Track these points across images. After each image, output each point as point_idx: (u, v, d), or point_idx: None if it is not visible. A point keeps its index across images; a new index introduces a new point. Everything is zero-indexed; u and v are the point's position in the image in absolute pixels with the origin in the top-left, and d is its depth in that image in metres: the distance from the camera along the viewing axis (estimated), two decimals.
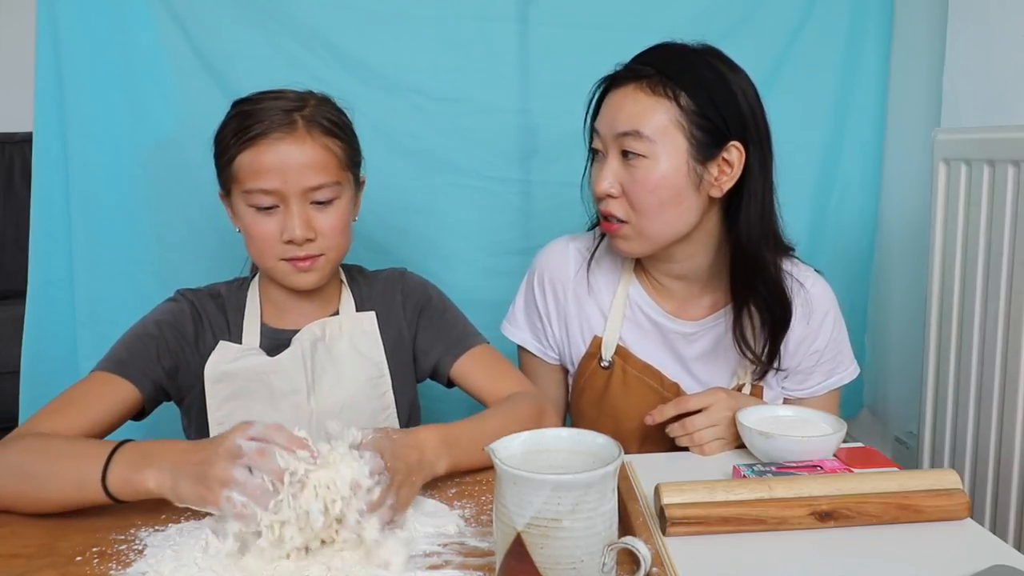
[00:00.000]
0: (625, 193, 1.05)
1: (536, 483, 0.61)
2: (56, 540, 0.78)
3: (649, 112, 1.02)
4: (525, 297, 1.24)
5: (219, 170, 1.06)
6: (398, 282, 1.18)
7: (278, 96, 1.04)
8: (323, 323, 1.11)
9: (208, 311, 1.11)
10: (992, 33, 1.48)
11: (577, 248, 1.20)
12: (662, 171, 1.02)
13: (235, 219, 1.08)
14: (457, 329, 1.16)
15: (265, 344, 1.10)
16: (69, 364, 1.53)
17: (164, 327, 1.06)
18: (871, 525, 0.82)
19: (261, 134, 1.00)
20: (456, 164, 1.64)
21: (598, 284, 1.19)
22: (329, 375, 1.09)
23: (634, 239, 1.08)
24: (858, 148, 1.83)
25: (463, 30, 1.61)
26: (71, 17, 1.46)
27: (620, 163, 1.05)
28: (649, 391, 1.15)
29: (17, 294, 1.60)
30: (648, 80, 1.03)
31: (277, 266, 1.05)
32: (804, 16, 1.74)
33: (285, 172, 1.00)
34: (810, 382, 1.18)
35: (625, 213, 1.06)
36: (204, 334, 1.09)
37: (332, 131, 1.05)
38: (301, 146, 1.01)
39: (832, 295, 1.17)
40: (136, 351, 1.03)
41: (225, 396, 1.07)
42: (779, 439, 0.95)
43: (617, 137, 1.04)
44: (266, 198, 1.01)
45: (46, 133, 1.49)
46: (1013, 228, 1.33)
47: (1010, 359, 1.34)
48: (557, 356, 1.24)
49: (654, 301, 1.16)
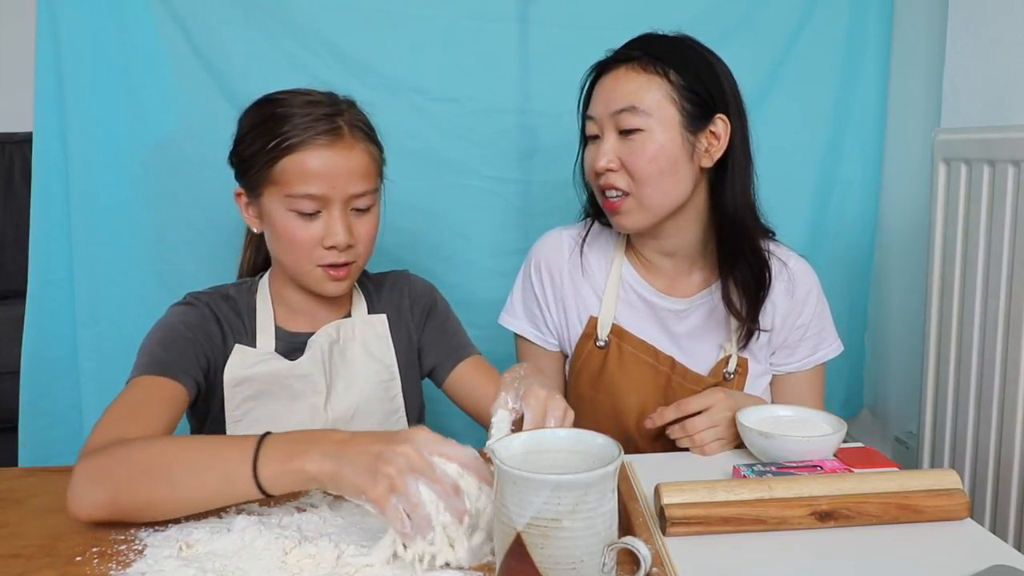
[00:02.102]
0: (624, 166, 1.10)
1: (536, 483, 0.62)
2: (56, 540, 0.78)
3: (643, 89, 1.09)
4: (523, 286, 1.27)
5: (244, 171, 1.04)
6: (404, 284, 1.19)
7: (309, 98, 1.02)
8: (337, 325, 1.11)
9: (225, 313, 1.08)
10: (992, 33, 1.48)
11: (569, 235, 1.25)
12: (659, 142, 1.08)
13: (255, 220, 1.07)
14: (458, 337, 1.18)
15: (280, 348, 1.08)
16: (69, 364, 1.53)
17: (195, 330, 1.03)
18: (871, 525, 0.82)
19: (308, 139, 0.99)
20: (456, 164, 1.64)
21: (591, 266, 1.23)
22: (343, 378, 1.09)
23: (636, 211, 1.12)
24: (858, 148, 1.83)
25: (463, 30, 1.61)
26: (71, 17, 1.46)
27: (617, 140, 1.10)
28: (645, 366, 1.18)
29: (17, 294, 1.60)
30: (638, 61, 1.10)
31: (313, 272, 1.04)
32: (804, 17, 1.74)
33: (333, 178, 0.99)
34: (796, 355, 1.22)
35: (627, 184, 1.10)
36: (227, 336, 1.08)
37: (371, 136, 1.05)
38: (349, 152, 1.01)
39: (814, 273, 1.22)
40: (177, 352, 1.00)
41: (243, 397, 1.06)
42: (779, 439, 0.95)
43: (614, 115, 1.09)
44: (311, 204, 1.00)
45: (46, 133, 1.49)
46: (1013, 228, 1.33)
47: (1010, 359, 1.34)
48: (556, 342, 1.26)
49: (645, 280, 1.21)
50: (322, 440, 0.76)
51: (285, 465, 0.75)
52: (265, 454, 0.76)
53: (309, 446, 0.75)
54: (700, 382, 1.17)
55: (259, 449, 0.77)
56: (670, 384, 1.18)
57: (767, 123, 1.74)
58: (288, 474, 0.75)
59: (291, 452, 0.75)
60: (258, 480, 0.75)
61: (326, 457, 0.73)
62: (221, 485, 0.77)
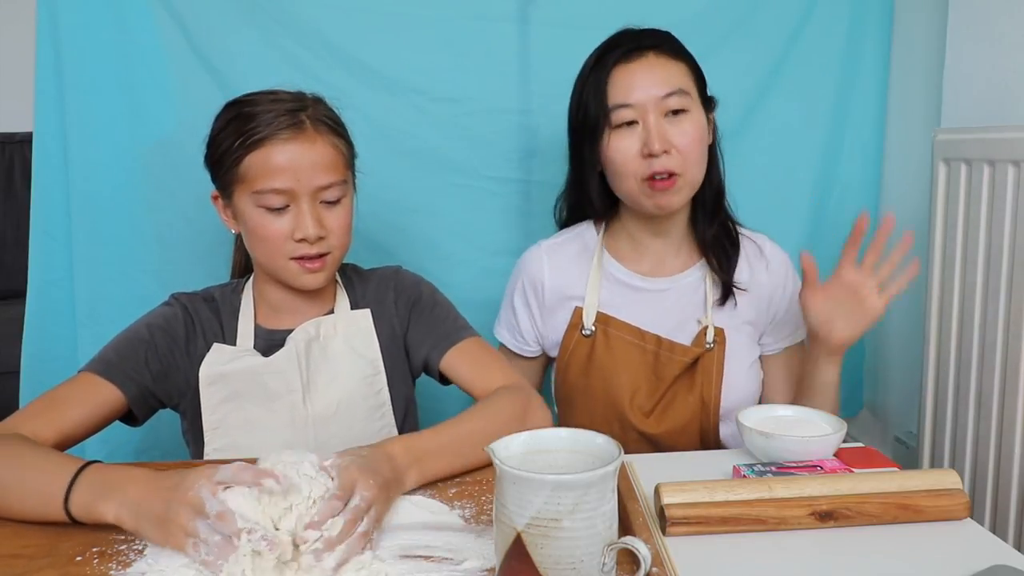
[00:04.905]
0: (675, 147, 1.15)
1: (536, 483, 0.62)
2: (56, 540, 0.78)
3: (682, 73, 1.18)
4: (505, 303, 1.36)
5: (217, 172, 1.06)
6: (391, 279, 1.19)
7: (274, 97, 1.04)
8: (318, 322, 1.11)
9: (201, 315, 1.11)
10: (992, 33, 1.48)
11: (548, 246, 1.32)
12: (699, 122, 1.17)
13: (231, 221, 1.09)
14: (447, 323, 1.16)
15: (259, 345, 1.10)
16: (69, 364, 1.52)
17: (155, 331, 1.07)
18: (871, 525, 0.82)
19: (270, 135, 1.00)
20: (456, 164, 1.64)
21: (571, 268, 1.29)
22: (324, 374, 1.09)
23: (684, 189, 1.18)
24: (858, 148, 1.83)
25: (463, 30, 1.61)
26: (71, 17, 1.46)
27: (664, 122, 1.15)
28: (632, 347, 1.24)
29: (17, 294, 1.60)
30: (661, 48, 1.18)
31: (287, 266, 1.05)
32: (804, 16, 1.73)
33: (297, 171, 1.01)
34: (786, 330, 1.29)
35: (679, 164, 1.15)
36: (196, 338, 1.09)
37: (336, 130, 1.06)
38: (312, 145, 1.02)
39: (784, 253, 1.31)
40: (124, 354, 1.03)
41: (220, 399, 1.07)
42: (779, 439, 0.96)
43: (663, 99, 1.15)
44: (277, 198, 1.02)
45: (46, 133, 1.49)
46: (1013, 228, 1.33)
47: (1010, 359, 1.34)
48: (535, 348, 1.34)
49: (626, 267, 1.28)
50: (126, 486, 0.77)
51: (89, 507, 0.78)
52: (78, 486, 0.79)
53: (111, 492, 0.77)
54: (686, 353, 1.23)
55: (75, 479, 0.79)
56: (658, 360, 1.24)
57: (767, 123, 1.74)
58: (91, 514, 0.78)
59: (97, 493, 0.78)
60: (68, 511, 0.78)
61: (124, 507, 0.76)
62: (41, 505, 0.80)
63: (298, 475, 0.74)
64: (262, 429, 1.07)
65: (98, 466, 0.82)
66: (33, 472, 0.83)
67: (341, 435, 1.09)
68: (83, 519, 0.78)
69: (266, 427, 1.07)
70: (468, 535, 0.78)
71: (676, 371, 1.22)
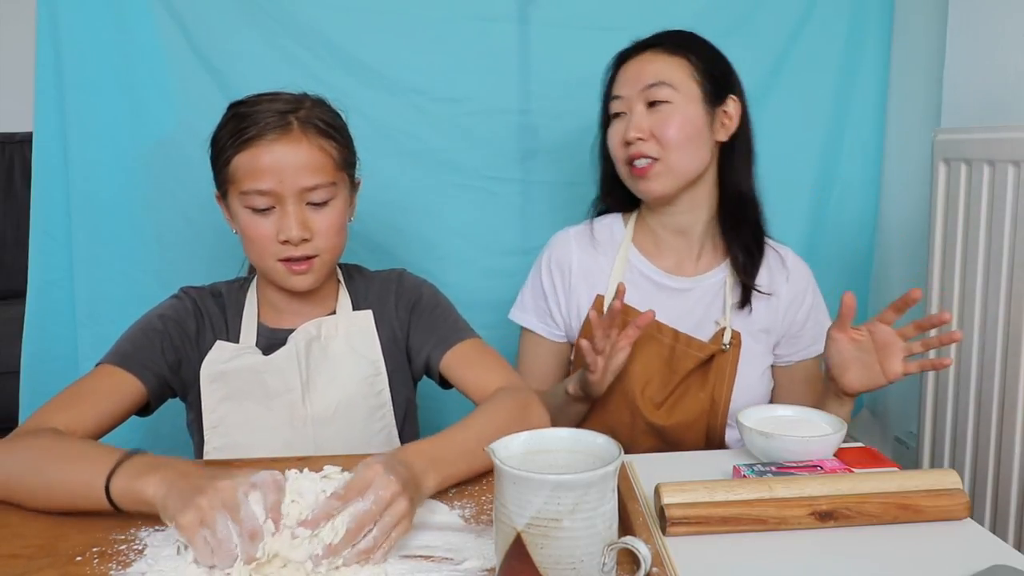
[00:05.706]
0: (653, 135, 1.20)
1: (536, 483, 0.62)
2: (56, 540, 0.78)
3: (671, 67, 1.21)
4: (532, 284, 1.34)
5: (215, 172, 1.07)
6: (394, 282, 1.19)
7: (273, 98, 1.05)
8: (319, 322, 1.11)
9: (209, 309, 1.12)
10: (992, 33, 1.48)
11: (577, 231, 1.34)
12: (685, 113, 1.20)
13: (231, 221, 1.09)
14: (446, 325, 1.15)
15: (261, 344, 1.10)
16: (69, 364, 1.53)
17: (168, 322, 1.07)
18: (871, 525, 0.82)
19: (256, 136, 1.01)
20: (456, 164, 1.64)
21: (597, 255, 1.31)
22: (324, 374, 1.09)
23: (664, 175, 1.21)
24: (858, 148, 1.83)
25: (463, 30, 1.61)
26: (71, 17, 1.46)
27: (646, 112, 1.21)
28: (648, 339, 1.24)
29: (17, 294, 1.60)
30: (662, 46, 1.23)
31: (275, 267, 1.06)
32: (804, 16, 1.73)
33: (281, 173, 1.01)
34: (801, 343, 1.29)
35: (656, 151, 1.20)
36: (205, 331, 1.10)
37: (327, 132, 1.06)
38: (296, 147, 1.02)
39: (807, 267, 1.32)
40: (140, 345, 1.04)
41: (220, 398, 1.07)
42: (779, 439, 0.95)
43: (643, 90, 1.20)
44: (262, 199, 1.02)
45: (46, 133, 1.49)
46: (1013, 228, 1.33)
47: (1010, 359, 1.34)
48: (562, 334, 1.33)
49: (651, 263, 1.29)
50: (174, 465, 0.78)
51: (131, 483, 0.77)
52: (122, 469, 0.79)
53: (155, 470, 0.77)
54: (702, 348, 1.24)
55: (120, 462, 0.79)
56: (674, 354, 1.25)
57: (767, 122, 1.73)
58: (130, 492, 0.77)
59: (141, 471, 0.78)
60: (109, 492, 0.78)
61: (162, 483, 0.75)
62: (83, 492, 0.80)
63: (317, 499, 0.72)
64: (261, 428, 1.07)
65: (145, 453, 0.82)
66: (78, 460, 0.82)
67: (341, 435, 1.09)
68: (123, 501, 0.78)
69: (265, 426, 1.07)
70: (468, 535, 0.78)
71: (690, 365, 1.23)
